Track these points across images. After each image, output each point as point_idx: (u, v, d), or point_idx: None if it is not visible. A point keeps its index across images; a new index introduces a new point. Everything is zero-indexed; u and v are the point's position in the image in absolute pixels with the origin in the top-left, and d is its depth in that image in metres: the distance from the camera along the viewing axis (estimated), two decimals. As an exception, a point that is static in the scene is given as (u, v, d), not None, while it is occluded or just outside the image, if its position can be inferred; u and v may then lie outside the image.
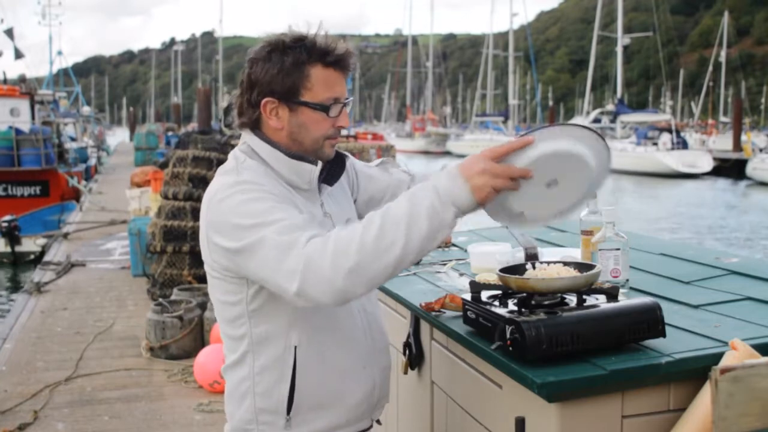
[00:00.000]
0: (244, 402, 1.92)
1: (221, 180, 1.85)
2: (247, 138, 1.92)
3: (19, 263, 14.19)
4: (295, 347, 1.88)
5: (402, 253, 1.60)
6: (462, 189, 1.60)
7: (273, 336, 1.88)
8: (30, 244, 14.25)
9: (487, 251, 2.62)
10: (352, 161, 2.12)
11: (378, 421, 2.11)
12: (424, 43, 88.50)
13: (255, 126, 1.90)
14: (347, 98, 1.90)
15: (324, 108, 1.84)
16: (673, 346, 1.79)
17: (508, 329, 1.74)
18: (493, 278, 2.15)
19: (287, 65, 1.81)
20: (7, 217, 14.22)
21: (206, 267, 1.94)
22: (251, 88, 1.86)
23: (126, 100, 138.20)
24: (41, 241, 14.19)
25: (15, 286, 12.91)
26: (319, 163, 1.89)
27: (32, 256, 14.10)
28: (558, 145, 1.62)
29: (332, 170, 1.96)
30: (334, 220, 1.94)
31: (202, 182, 8.04)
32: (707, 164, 37.34)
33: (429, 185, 1.62)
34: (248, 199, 1.75)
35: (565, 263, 1.99)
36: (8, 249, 14.13)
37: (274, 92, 1.83)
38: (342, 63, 1.86)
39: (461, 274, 2.62)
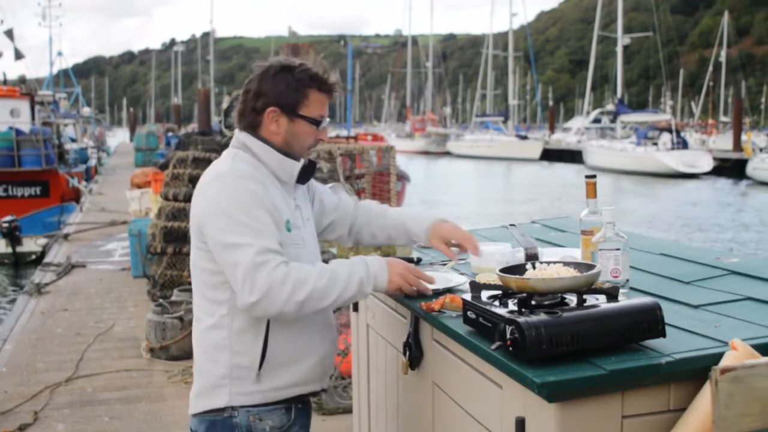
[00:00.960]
0: (220, 359, 2.20)
1: (217, 168, 2.22)
2: (241, 136, 2.29)
3: (20, 263, 14.18)
4: None
5: (331, 302, 2.13)
6: (383, 278, 2.20)
7: None
8: (31, 244, 14.23)
9: (487, 251, 2.62)
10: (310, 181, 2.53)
11: (324, 390, 2.44)
12: (424, 44, 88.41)
13: (254, 128, 2.28)
14: (327, 118, 2.34)
15: (316, 122, 2.27)
16: (673, 346, 1.78)
17: (508, 329, 1.74)
18: (493, 278, 2.15)
19: (293, 84, 2.23)
20: (8, 218, 14.20)
21: (193, 239, 2.23)
22: (257, 98, 2.25)
23: (126, 101, 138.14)
24: (42, 241, 14.18)
25: (16, 287, 12.91)
26: (302, 160, 2.30)
27: (33, 257, 14.08)
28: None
29: (305, 172, 2.34)
30: (302, 213, 2.35)
31: (203, 183, 8.03)
32: (707, 164, 37.33)
33: (364, 264, 2.18)
34: (242, 192, 2.13)
35: (565, 263, 1.99)
36: (9, 249, 14.11)
37: (278, 104, 2.24)
38: (331, 90, 2.30)
39: (461, 275, 2.62)
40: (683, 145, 39.19)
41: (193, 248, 2.25)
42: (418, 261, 2.91)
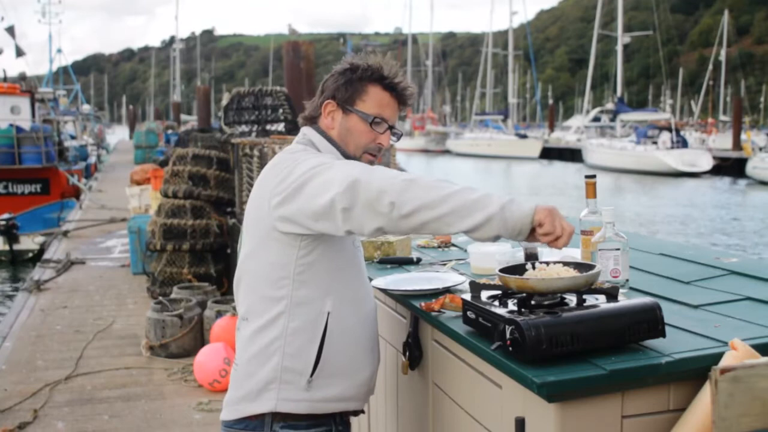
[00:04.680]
0: (270, 361, 2.08)
1: (288, 155, 2.12)
2: (307, 131, 2.22)
3: (18, 261, 14.16)
4: (328, 313, 2.09)
5: (437, 215, 1.86)
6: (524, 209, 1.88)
7: (311, 300, 2.08)
8: (28, 242, 14.21)
9: (487, 251, 2.62)
10: None
11: (363, 411, 2.30)
12: (424, 42, 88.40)
13: (314, 122, 2.22)
14: (394, 125, 2.20)
15: (369, 119, 2.15)
16: (673, 346, 1.79)
17: (508, 329, 1.74)
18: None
19: (353, 79, 2.16)
20: (5, 215, 14.17)
21: (256, 233, 2.10)
22: (320, 94, 2.21)
23: (126, 98, 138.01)
24: (39, 239, 14.17)
25: (13, 285, 12.90)
26: None
27: (30, 254, 14.07)
28: None
29: None
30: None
31: (202, 180, 8.05)
32: (707, 163, 37.31)
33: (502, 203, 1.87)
34: (317, 156, 2.07)
35: (565, 263, 1.99)
36: (6, 247, 14.08)
37: (335, 97, 2.17)
38: (397, 90, 2.18)
39: (461, 275, 2.62)
40: (683, 144, 39.16)
41: (256, 245, 2.10)
42: (418, 261, 2.92)
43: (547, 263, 1.99)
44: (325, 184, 1.93)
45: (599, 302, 1.87)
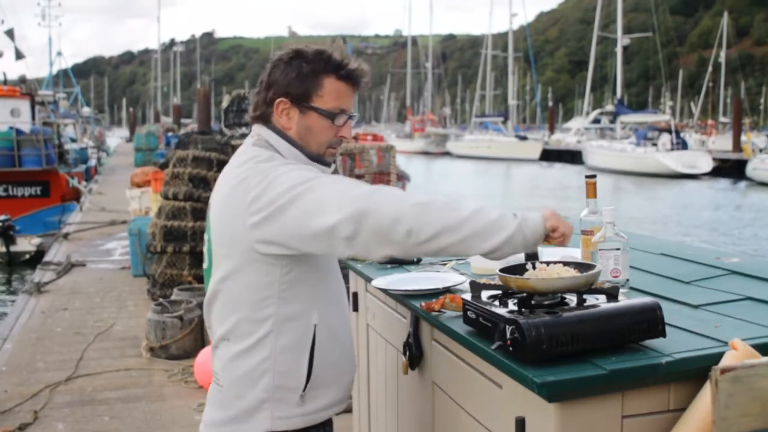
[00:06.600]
0: (260, 382, 2.00)
1: (255, 164, 1.95)
2: (262, 132, 2.06)
3: (14, 263, 14.11)
4: (315, 326, 2.02)
5: (456, 239, 1.82)
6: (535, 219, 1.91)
7: (297, 316, 2.00)
8: (25, 244, 14.16)
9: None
10: None
11: (346, 410, 2.30)
12: (424, 44, 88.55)
13: (266, 121, 2.05)
14: (353, 113, 2.08)
15: (331, 115, 2.01)
16: (673, 346, 1.79)
17: (508, 329, 1.74)
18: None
19: (304, 72, 1.99)
20: (2, 217, 14.14)
21: (232, 254, 1.96)
22: (268, 88, 2.03)
23: (126, 101, 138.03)
24: (36, 240, 14.13)
25: (10, 287, 12.88)
26: (333, 166, 2.09)
27: (27, 256, 14.02)
28: None
29: None
30: None
31: (203, 182, 8.04)
32: (707, 165, 37.33)
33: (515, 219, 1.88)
34: (293, 169, 1.92)
35: (565, 263, 1.98)
36: (3, 249, 14.04)
37: (288, 94, 2.00)
38: (353, 78, 2.04)
39: (461, 274, 2.62)
40: (683, 145, 39.19)
41: (234, 266, 1.98)
42: (419, 261, 2.92)
43: (548, 263, 1.99)
44: (318, 206, 1.82)
45: (599, 302, 1.87)
